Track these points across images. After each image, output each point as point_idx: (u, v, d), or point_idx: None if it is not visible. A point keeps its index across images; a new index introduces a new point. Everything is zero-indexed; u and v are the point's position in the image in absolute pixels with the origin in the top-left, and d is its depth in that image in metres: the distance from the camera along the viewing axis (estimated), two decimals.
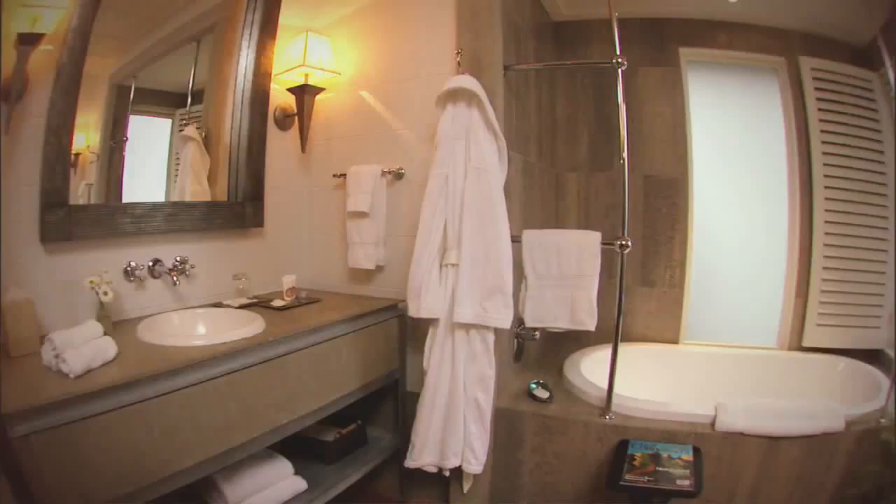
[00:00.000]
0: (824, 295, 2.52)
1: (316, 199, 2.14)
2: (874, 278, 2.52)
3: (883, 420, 2.10)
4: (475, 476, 1.94)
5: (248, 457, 1.56)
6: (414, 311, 1.81)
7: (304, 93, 2.12)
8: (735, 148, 2.63)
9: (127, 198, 1.71)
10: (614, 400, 1.90)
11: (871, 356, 2.57)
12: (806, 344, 2.55)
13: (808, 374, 2.45)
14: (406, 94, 2.03)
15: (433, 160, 1.82)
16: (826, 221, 2.46)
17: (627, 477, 1.76)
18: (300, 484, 1.77)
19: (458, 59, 1.90)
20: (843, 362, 2.44)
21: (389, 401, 2.04)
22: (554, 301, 1.84)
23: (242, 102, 2.00)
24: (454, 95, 1.81)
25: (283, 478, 1.75)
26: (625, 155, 1.80)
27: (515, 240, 1.83)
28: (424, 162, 1.89)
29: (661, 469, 1.80)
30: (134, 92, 1.77)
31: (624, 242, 1.80)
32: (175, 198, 1.86)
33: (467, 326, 1.80)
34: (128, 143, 1.76)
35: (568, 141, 2.60)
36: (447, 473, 1.91)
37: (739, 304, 2.70)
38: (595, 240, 1.82)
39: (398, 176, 2.03)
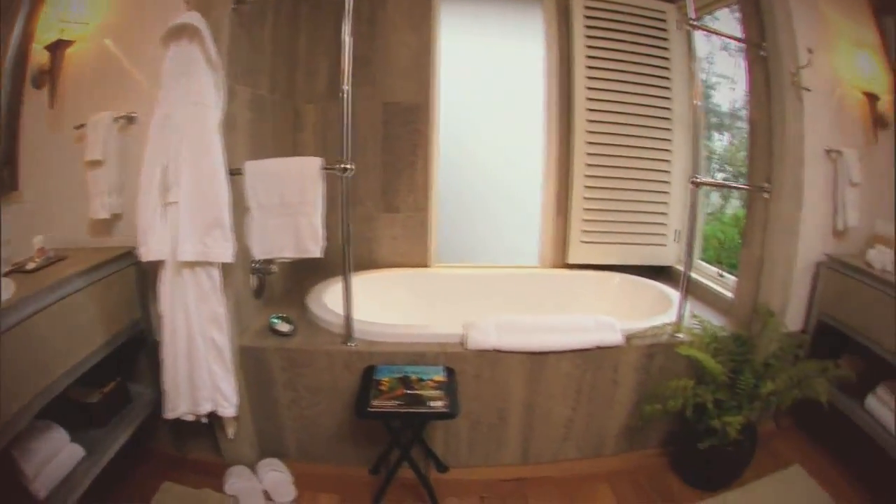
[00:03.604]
0: (588, 213, 2.53)
1: (64, 153, 2.10)
2: (654, 197, 2.54)
3: (681, 335, 2.06)
4: (236, 420, 1.90)
5: (33, 430, 1.57)
6: (144, 254, 1.77)
7: (56, 48, 2.10)
8: (492, 75, 2.61)
9: None
10: (358, 327, 1.86)
11: (657, 272, 2.66)
12: (571, 261, 2.54)
13: (581, 289, 2.43)
14: (143, 39, 1.99)
15: (156, 100, 1.79)
16: (588, 142, 2.48)
17: (374, 403, 1.73)
18: (78, 451, 1.73)
19: None
20: (617, 277, 2.42)
21: (143, 353, 2.00)
22: (278, 230, 1.81)
23: (8, 67, 1.99)
24: (177, 33, 1.77)
25: (62, 447, 1.71)
26: (345, 87, 1.76)
27: (237, 172, 1.79)
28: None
29: (410, 392, 1.76)
30: None
31: (346, 166, 1.77)
32: None
33: (193, 265, 1.76)
34: None
35: (308, 73, 2.55)
36: (205, 420, 1.87)
37: (498, 226, 2.69)
38: (315, 165, 1.79)
39: (130, 120, 1.99)
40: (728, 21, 2.63)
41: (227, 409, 1.83)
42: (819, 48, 2.09)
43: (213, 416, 1.87)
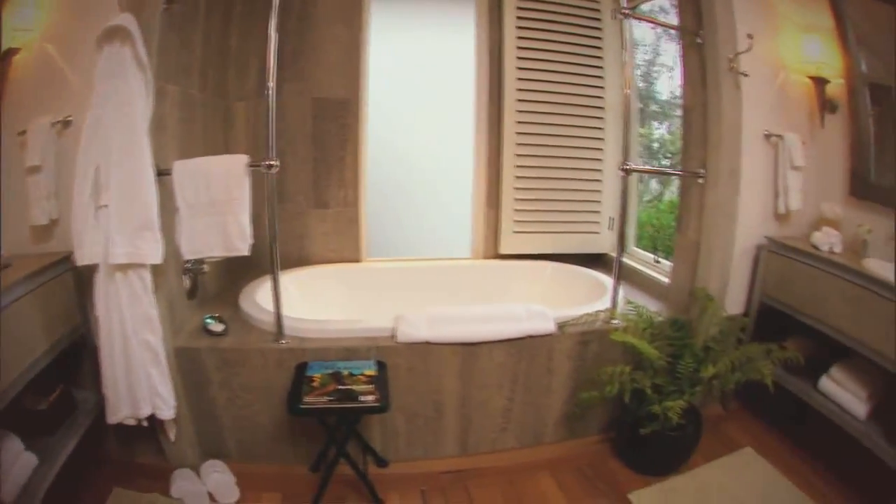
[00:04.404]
0: (519, 203, 2.56)
1: (10, 161, 2.14)
2: (587, 186, 2.57)
3: (615, 321, 2.06)
4: (175, 422, 1.91)
5: None
6: (79, 258, 1.80)
7: (4, 56, 2.13)
8: (422, 68, 2.63)
9: None
10: (290, 324, 1.87)
11: (592, 260, 2.69)
12: (503, 252, 2.55)
13: (514, 279, 2.44)
14: (81, 43, 2.02)
15: (89, 103, 1.82)
16: (518, 133, 2.50)
17: (306, 399, 1.74)
18: (32, 459, 1.75)
19: None
20: (550, 266, 2.44)
21: (85, 357, 2.02)
22: (206, 229, 1.83)
23: None
24: (110, 35, 1.81)
25: (17, 455, 1.74)
26: (270, 84, 1.81)
27: (167, 173, 1.82)
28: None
29: (342, 387, 1.78)
30: None
31: (271, 163, 1.79)
32: None
33: (125, 267, 1.79)
34: None
35: (239, 70, 2.55)
36: (145, 423, 1.88)
37: (429, 219, 2.71)
38: (241, 162, 1.82)
39: (66, 124, 2.02)
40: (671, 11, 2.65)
41: (166, 412, 1.85)
42: (762, 33, 2.10)
43: (155, 420, 1.89)
